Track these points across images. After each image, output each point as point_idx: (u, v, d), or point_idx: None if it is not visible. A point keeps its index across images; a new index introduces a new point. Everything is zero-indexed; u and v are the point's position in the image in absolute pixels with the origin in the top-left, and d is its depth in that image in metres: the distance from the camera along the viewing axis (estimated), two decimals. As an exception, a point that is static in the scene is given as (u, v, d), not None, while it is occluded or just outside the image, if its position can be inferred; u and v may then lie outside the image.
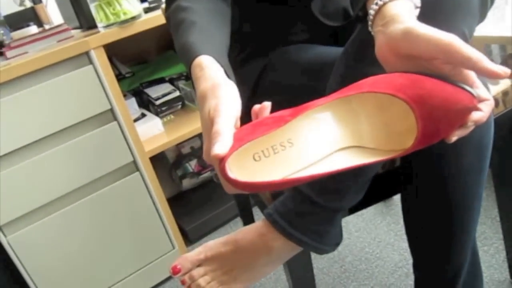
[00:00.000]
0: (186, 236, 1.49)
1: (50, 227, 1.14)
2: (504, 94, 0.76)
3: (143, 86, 1.53)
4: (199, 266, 0.64)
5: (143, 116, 1.43)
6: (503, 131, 0.76)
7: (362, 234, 1.31)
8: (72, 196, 1.16)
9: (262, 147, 0.41)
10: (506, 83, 0.77)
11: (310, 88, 0.69)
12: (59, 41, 1.19)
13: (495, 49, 1.23)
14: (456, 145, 0.50)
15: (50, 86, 1.07)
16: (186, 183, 1.63)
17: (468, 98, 0.42)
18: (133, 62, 1.63)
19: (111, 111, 1.16)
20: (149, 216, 1.29)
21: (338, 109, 0.44)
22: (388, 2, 0.46)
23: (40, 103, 1.06)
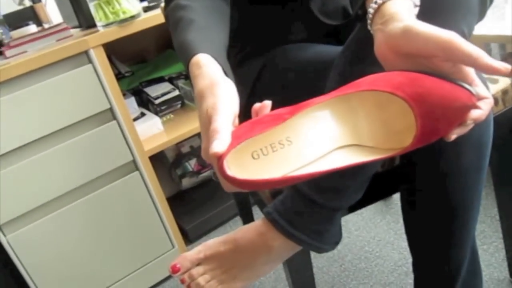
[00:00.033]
0: (186, 235, 1.49)
1: (49, 226, 1.14)
2: (504, 93, 0.76)
3: (142, 85, 1.52)
4: (198, 265, 0.64)
5: (142, 115, 1.42)
6: (503, 129, 0.76)
7: (361, 233, 1.31)
8: (71, 195, 1.15)
9: (260, 145, 0.41)
10: (505, 82, 0.77)
11: (310, 87, 0.69)
12: (58, 40, 1.19)
13: (495, 48, 1.23)
14: (455, 143, 0.50)
15: (49, 85, 1.07)
16: (186, 182, 1.63)
17: (467, 96, 0.42)
18: (132, 61, 1.63)
19: (111, 110, 1.16)
20: (148, 215, 1.29)
21: (337, 107, 0.44)
22: (387, 0, 0.46)
23: (39, 102, 1.06)
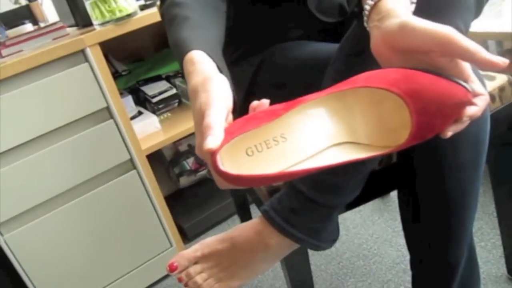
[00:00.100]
0: (184, 234, 1.49)
1: (46, 226, 1.13)
2: (501, 89, 0.76)
3: (139, 84, 1.52)
4: (196, 263, 0.64)
5: (139, 114, 1.42)
6: (500, 126, 0.76)
7: (359, 230, 1.31)
8: (68, 195, 1.15)
9: (255, 142, 0.40)
10: (502, 79, 0.77)
11: (308, 84, 0.69)
12: (54, 39, 1.19)
13: (492, 45, 1.23)
14: (452, 140, 0.50)
15: (46, 84, 1.06)
16: (184, 181, 1.63)
17: (462, 92, 0.42)
18: (129, 60, 1.62)
19: (108, 109, 1.16)
20: (146, 214, 1.28)
21: (332, 104, 0.44)
22: None
23: (35, 102, 1.06)
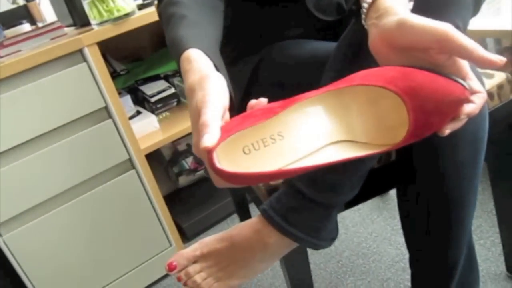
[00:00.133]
0: (183, 233, 1.49)
1: (45, 226, 1.13)
2: (499, 87, 0.76)
3: (138, 83, 1.52)
4: (195, 262, 0.64)
5: (138, 113, 1.42)
6: (498, 124, 0.76)
7: (358, 229, 1.31)
8: (67, 195, 1.15)
9: (252, 140, 0.40)
10: (501, 77, 0.77)
11: (306, 83, 0.69)
12: (52, 39, 1.18)
13: (490, 42, 1.23)
14: (451, 138, 0.50)
15: (44, 84, 1.06)
16: (183, 180, 1.63)
17: (460, 90, 0.42)
18: (127, 60, 1.62)
19: (106, 109, 1.16)
20: (145, 214, 1.28)
21: (329, 102, 0.44)
22: None
23: (33, 102, 1.06)
